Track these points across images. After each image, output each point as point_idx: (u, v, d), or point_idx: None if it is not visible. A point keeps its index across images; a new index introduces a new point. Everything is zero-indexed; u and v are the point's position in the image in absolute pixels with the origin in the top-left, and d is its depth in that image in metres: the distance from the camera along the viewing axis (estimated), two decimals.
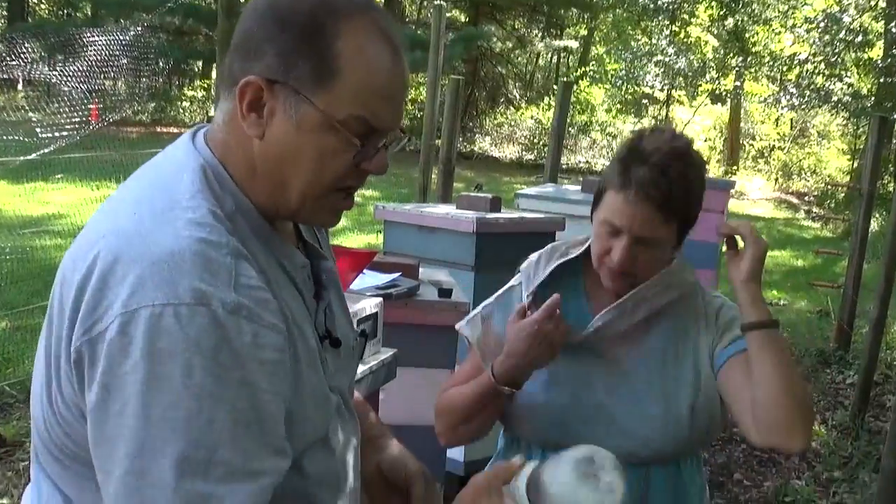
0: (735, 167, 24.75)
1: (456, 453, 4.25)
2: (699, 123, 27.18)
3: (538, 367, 1.92)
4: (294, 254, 1.38)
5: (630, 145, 1.93)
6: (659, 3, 25.84)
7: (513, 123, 26.65)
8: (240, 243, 1.22)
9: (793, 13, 23.53)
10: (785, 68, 23.26)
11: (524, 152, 25.12)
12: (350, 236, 11.55)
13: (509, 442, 2.13)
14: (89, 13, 25.50)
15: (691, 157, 1.92)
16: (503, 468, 1.41)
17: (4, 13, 28.34)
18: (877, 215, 12.61)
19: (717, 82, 25.67)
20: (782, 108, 23.88)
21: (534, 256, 2.12)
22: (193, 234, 1.18)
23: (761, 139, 27.44)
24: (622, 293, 1.98)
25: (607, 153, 25.16)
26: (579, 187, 6.71)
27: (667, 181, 1.86)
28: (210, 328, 1.13)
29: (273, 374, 1.20)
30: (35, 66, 8.50)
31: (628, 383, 1.99)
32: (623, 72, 27.28)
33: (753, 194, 22.64)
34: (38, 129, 6.95)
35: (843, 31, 20.61)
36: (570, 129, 23.07)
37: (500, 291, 2.15)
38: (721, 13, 24.78)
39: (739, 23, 24.68)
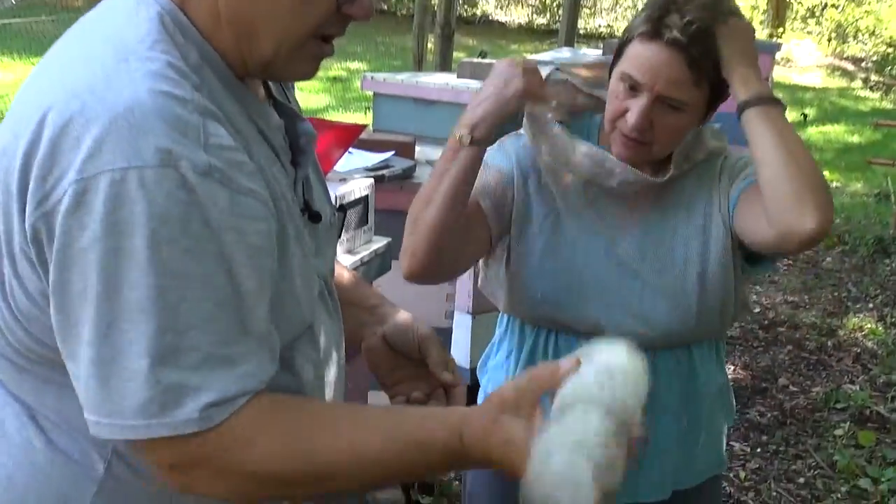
0: (781, 29, 24.42)
1: (462, 359, 4.29)
2: None
3: (497, 105, 1.85)
4: (269, 113, 1.37)
5: None
6: None
7: None
8: (209, 100, 1.20)
9: None
10: None
11: (534, 15, 24.79)
12: (333, 115, 11.48)
13: (506, 326, 2.18)
14: None
15: (736, 14, 1.92)
16: (542, 374, 1.27)
17: None
18: None
19: None
20: None
21: None
22: (155, 88, 1.15)
23: None
24: (635, 163, 1.98)
25: (633, 15, 24.83)
26: (600, 52, 6.63)
27: (705, 35, 1.85)
28: (179, 194, 1.12)
29: (253, 246, 1.19)
30: None
31: (629, 253, 2.02)
32: None
33: (802, 60, 22.41)
34: None
35: None
36: None
37: None
38: None
39: None
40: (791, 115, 14.53)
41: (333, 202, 1.65)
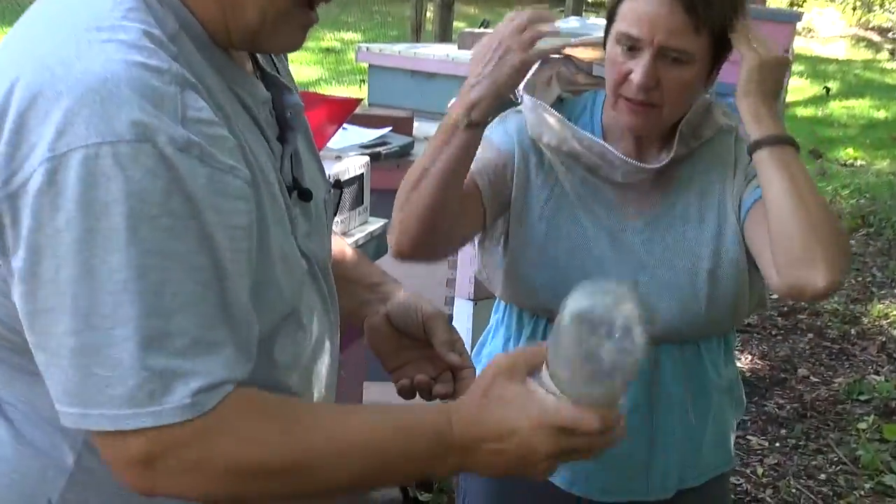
0: None
1: None
2: None
3: (493, 87, 1.84)
4: (254, 85, 1.35)
5: None
6: None
7: None
8: (187, 71, 1.19)
9: None
10: None
11: None
12: (325, 88, 11.46)
13: (503, 313, 2.18)
14: None
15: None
16: (532, 353, 1.35)
17: None
18: None
19: None
20: None
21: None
22: (128, 58, 1.14)
23: None
24: (643, 132, 1.97)
25: None
26: None
27: None
28: (157, 169, 1.11)
29: (232, 226, 1.19)
30: None
31: (635, 243, 2.01)
32: None
33: (825, 31, 22.38)
34: None
35: None
36: None
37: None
38: None
39: None
40: (813, 88, 14.53)
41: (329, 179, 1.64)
